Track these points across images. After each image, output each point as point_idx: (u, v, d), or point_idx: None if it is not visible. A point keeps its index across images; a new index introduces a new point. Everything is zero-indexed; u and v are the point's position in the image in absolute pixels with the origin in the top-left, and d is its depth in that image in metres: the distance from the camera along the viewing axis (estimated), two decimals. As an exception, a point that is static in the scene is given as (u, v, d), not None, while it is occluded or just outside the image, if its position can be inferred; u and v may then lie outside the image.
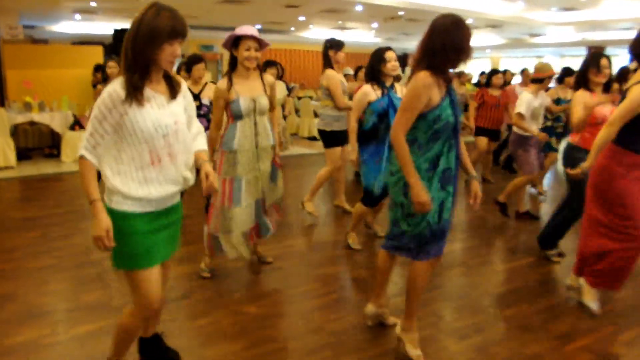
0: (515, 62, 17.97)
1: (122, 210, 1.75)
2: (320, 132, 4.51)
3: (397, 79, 5.20)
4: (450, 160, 2.19)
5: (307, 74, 17.59)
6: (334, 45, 4.23)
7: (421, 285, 2.31)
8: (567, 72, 5.52)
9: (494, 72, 6.24)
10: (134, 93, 1.67)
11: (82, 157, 1.71)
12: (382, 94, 3.40)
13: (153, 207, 1.81)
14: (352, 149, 3.58)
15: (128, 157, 1.73)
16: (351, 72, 7.21)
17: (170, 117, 1.76)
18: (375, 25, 13.67)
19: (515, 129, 4.58)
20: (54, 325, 2.66)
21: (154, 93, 1.74)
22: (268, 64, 5.70)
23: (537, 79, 4.46)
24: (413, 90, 2.09)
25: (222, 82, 2.99)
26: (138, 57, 1.66)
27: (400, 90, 3.53)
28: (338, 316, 2.80)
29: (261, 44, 2.92)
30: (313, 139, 9.90)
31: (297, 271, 3.51)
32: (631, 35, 2.64)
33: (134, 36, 1.66)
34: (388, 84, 3.45)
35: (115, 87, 1.68)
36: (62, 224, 4.44)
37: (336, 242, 4.08)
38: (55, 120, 7.47)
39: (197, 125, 2.01)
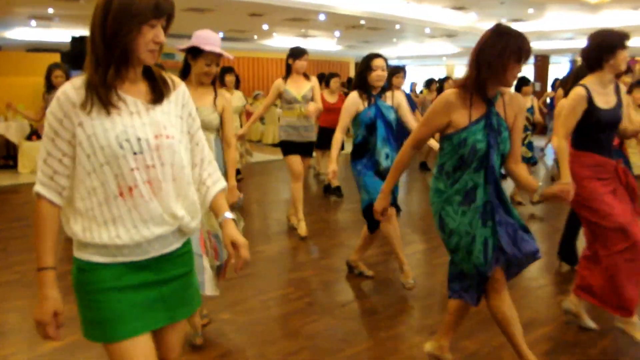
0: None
1: (84, 260, 1.30)
2: None
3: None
4: (489, 192, 1.95)
5: (270, 82, 17.55)
6: (292, 54, 4.30)
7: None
8: (523, 81, 5.72)
9: (445, 79, 6.69)
10: (106, 95, 1.25)
11: (37, 196, 1.28)
12: (369, 103, 3.15)
13: (126, 257, 1.31)
14: (331, 160, 3.24)
15: (87, 188, 1.27)
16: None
17: (148, 129, 1.29)
18: (337, 33, 13.89)
19: None
20: (18, 344, 2.56)
21: (125, 95, 1.29)
22: (226, 71, 5.69)
23: None
24: (434, 104, 1.99)
25: None
26: (112, 44, 1.23)
27: (389, 98, 3.24)
28: (312, 319, 2.85)
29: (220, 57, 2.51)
30: (277, 145, 9.98)
31: (269, 277, 3.54)
32: (572, 44, 2.81)
33: (103, 17, 1.23)
34: (375, 92, 3.18)
35: (66, 88, 1.26)
36: (22, 238, 4.28)
37: (304, 247, 4.13)
38: (11, 129, 7.24)
39: (206, 150, 1.49)
